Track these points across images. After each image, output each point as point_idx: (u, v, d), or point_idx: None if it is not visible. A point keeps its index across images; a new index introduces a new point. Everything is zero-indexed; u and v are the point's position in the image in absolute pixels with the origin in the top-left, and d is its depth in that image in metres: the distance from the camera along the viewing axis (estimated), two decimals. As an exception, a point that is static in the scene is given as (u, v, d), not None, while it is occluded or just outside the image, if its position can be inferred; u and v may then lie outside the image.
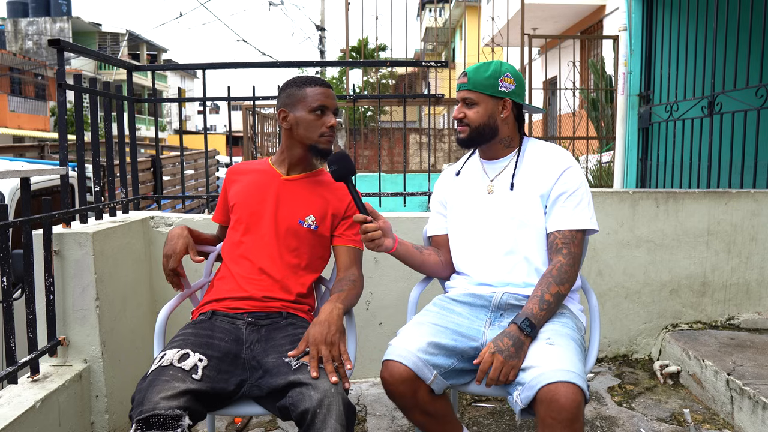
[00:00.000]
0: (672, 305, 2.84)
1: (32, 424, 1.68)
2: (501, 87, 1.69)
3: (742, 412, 2.15)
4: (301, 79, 1.76)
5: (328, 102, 1.74)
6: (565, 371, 1.35)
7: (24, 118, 24.63)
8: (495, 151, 1.77)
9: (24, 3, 29.49)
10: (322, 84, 1.75)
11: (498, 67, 1.70)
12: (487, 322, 1.66)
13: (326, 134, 1.74)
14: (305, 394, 1.35)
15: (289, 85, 1.76)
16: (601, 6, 9.26)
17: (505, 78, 1.69)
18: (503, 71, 1.69)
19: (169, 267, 1.69)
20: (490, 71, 1.69)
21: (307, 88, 1.73)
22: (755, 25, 3.03)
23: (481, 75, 1.69)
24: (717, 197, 2.80)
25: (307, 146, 1.75)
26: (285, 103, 1.75)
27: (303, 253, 1.75)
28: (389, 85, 12.70)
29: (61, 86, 2.07)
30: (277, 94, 1.80)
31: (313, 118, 1.72)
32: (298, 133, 1.74)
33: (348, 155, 1.68)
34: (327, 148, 1.75)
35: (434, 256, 1.84)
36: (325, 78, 16.80)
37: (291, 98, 1.74)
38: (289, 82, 1.78)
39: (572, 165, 1.69)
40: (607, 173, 5.26)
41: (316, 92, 1.72)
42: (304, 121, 1.72)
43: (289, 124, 1.74)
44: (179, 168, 4.65)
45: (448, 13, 17.24)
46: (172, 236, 1.73)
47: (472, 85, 1.69)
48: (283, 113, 1.75)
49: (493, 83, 1.68)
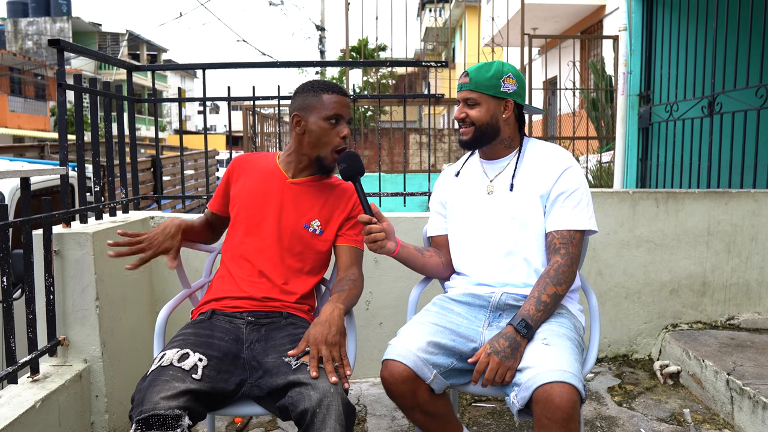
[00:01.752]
0: (672, 305, 2.84)
1: (32, 424, 1.68)
2: (503, 87, 1.68)
3: (742, 412, 2.15)
4: (318, 84, 1.72)
5: (344, 111, 1.71)
6: (561, 371, 1.36)
7: (24, 118, 24.63)
8: (495, 151, 1.76)
9: (24, 3, 29.49)
10: (339, 92, 1.72)
11: (500, 67, 1.69)
12: (485, 322, 1.66)
13: (338, 148, 1.71)
14: (305, 394, 1.35)
15: (305, 89, 1.73)
16: (601, 6, 9.26)
17: (507, 78, 1.69)
18: (505, 72, 1.69)
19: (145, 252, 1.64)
20: (492, 71, 1.68)
21: (323, 95, 1.69)
22: (755, 25, 3.03)
23: (483, 75, 1.68)
24: (717, 197, 2.80)
25: (314, 157, 1.72)
26: (299, 107, 1.71)
27: (307, 258, 1.74)
28: (389, 85, 12.70)
29: (61, 86, 2.07)
30: (292, 97, 1.76)
31: (327, 127, 1.69)
32: (310, 141, 1.71)
33: (358, 155, 1.67)
34: (332, 165, 1.73)
35: (435, 257, 1.84)
36: (324, 78, 16.78)
37: (306, 103, 1.70)
38: (306, 86, 1.74)
39: (572, 165, 1.68)
40: (607, 173, 5.26)
41: (332, 100, 1.69)
42: (317, 128, 1.69)
43: (302, 130, 1.71)
44: (179, 168, 4.65)
45: (448, 13, 17.24)
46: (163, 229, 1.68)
47: (474, 85, 1.69)
48: (297, 117, 1.71)
49: (496, 84, 1.68)
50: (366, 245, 1.66)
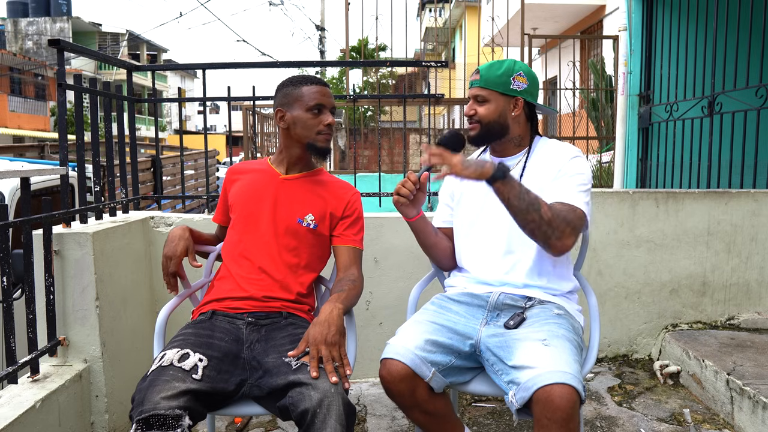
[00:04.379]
0: (672, 305, 2.84)
1: (32, 424, 1.68)
2: (513, 85, 1.69)
3: (742, 412, 2.15)
4: (297, 78, 1.76)
5: (325, 100, 1.73)
6: (561, 373, 1.36)
7: (24, 118, 24.63)
8: (505, 149, 1.77)
9: (24, 3, 29.49)
10: (319, 82, 1.75)
11: (511, 65, 1.70)
12: (483, 320, 1.66)
13: (324, 132, 1.74)
14: (305, 394, 1.35)
15: (285, 85, 1.76)
16: (601, 6, 9.26)
17: (517, 76, 1.69)
18: (516, 69, 1.70)
19: (170, 270, 1.69)
20: (503, 69, 1.69)
21: (303, 87, 1.72)
22: (755, 25, 3.03)
23: (493, 72, 1.69)
24: (717, 197, 2.80)
25: (305, 145, 1.75)
26: (282, 103, 1.75)
27: (302, 252, 1.75)
28: (389, 85, 12.69)
29: (61, 86, 2.07)
30: (274, 95, 1.80)
31: (310, 117, 1.71)
32: (296, 133, 1.74)
33: (464, 139, 1.67)
34: (325, 146, 1.75)
35: (445, 241, 1.85)
36: (324, 78, 16.79)
37: (287, 97, 1.74)
38: (285, 82, 1.77)
39: (578, 155, 1.70)
40: (607, 173, 5.27)
41: (312, 91, 1.72)
42: (301, 120, 1.72)
43: (286, 124, 1.74)
44: (179, 168, 4.65)
45: (448, 13, 17.24)
46: (173, 237, 1.73)
47: (484, 82, 1.70)
48: (280, 113, 1.75)
49: (505, 81, 1.68)
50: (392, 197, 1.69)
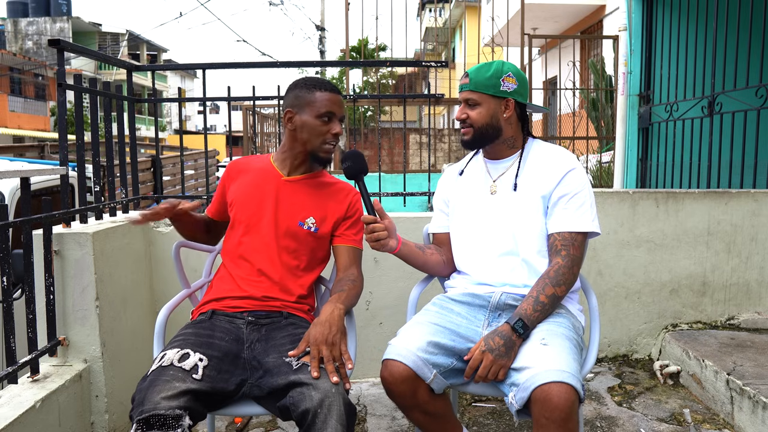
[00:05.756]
0: (672, 305, 2.84)
1: (32, 424, 1.68)
2: (503, 87, 1.68)
3: (742, 412, 2.15)
4: (311, 82, 1.73)
5: (336, 109, 1.71)
6: (559, 371, 1.36)
7: (24, 118, 24.63)
8: (499, 151, 1.77)
9: (24, 3, 29.48)
10: (332, 90, 1.72)
11: (500, 66, 1.70)
12: (485, 322, 1.66)
13: (329, 142, 1.72)
14: (306, 394, 1.35)
15: (299, 86, 1.73)
16: (601, 6, 9.26)
17: (507, 78, 1.69)
18: (505, 71, 1.69)
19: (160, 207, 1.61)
20: (492, 71, 1.68)
21: (316, 92, 1.70)
22: (755, 25, 3.03)
23: (482, 75, 1.68)
24: (717, 197, 2.80)
25: (308, 152, 1.73)
26: (292, 104, 1.72)
27: (302, 255, 1.74)
28: (389, 85, 12.69)
29: (61, 86, 2.07)
30: (285, 93, 1.77)
31: (319, 124, 1.70)
32: (302, 137, 1.72)
33: (362, 154, 1.68)
34: (327, 157, 1.74)
35: (436, 255, 1.84)
36: (324, 77, 16.79)
37: (299, 100, 1.71)
38: (299, 83, 1.74)
39: (576, 167, 1.68)
40: (607, 173, 5.26)
41: (325, 98, 1.70)
42: (309, 125, 1.70)
43: (294, 126, 1.72)
44: (179, 168, 4.65)
45: (448, 13, 17.24)
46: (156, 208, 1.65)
47: (473, 85, 1.69)
48: (289, 114, 1.72)
49: (495, 83, 1.68)
50: (368, 244, 1.66)
